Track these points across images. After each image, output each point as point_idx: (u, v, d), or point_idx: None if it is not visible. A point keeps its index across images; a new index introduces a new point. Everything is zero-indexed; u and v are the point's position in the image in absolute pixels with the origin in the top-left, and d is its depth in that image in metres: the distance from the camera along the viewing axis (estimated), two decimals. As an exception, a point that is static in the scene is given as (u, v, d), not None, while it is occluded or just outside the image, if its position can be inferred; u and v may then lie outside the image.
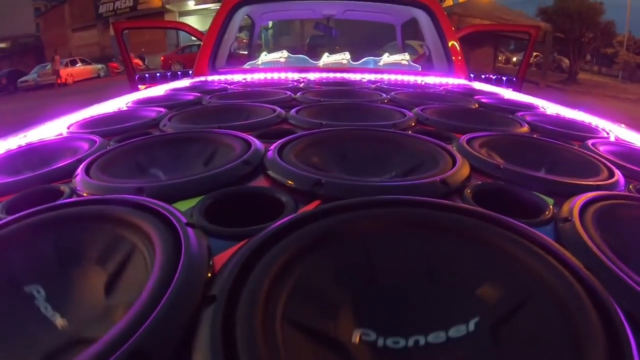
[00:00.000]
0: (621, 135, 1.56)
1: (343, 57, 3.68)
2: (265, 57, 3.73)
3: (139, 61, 20.15)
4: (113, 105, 1.94)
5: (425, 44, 3.99)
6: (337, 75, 3.25)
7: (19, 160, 1.17)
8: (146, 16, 24.67)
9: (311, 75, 3.19)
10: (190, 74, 3.61)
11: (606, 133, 1.53)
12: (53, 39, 28.18)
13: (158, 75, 4.00)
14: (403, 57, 3.70)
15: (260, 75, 3.22)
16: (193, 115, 1.54)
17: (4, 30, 25.71)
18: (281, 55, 3.69)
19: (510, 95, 2.55)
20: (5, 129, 1.54)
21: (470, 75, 3.59)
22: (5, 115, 10.44)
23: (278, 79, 3.06)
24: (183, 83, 2.93)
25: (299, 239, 0.55)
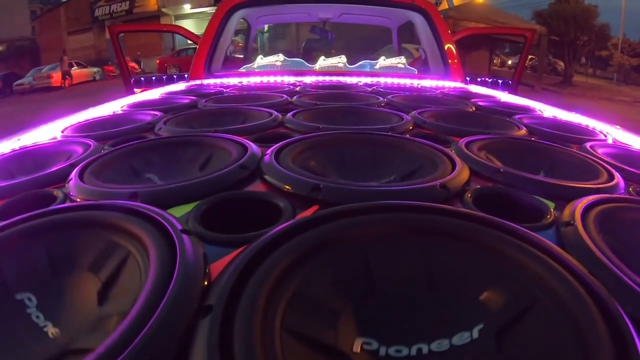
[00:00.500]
0: (619, 138, 1.55)
1: (339, 61, 3.69)
2: (261, 61, 3.72)
3: (134, 64, 20.17)
4: (108, 108, 1.93)
5: (421, 47, 4.00)
6: (334, 78, 3.24)
7: (12, 164, 1.15)
8: (142, 19, 24.69)
9: (307, 79, 3.19)
10: (186, 77, 3.60)
11: (604, 135, 1.53)
12: (49, 42, 28.19)
13: (154, 78, 3.99)
14: (399, 61, 3.70)
15: (257, 79, 3.22)
16: (189, 119, 1.53)
17: (0, 33, 25.72)
18: (277, 58, 3.68)
19: (507, 98, 2.56)
20: (1, 132, 1.53)
21: (466, 78, 3.60)
22: (1, 119, 10.43)
23: (274, 82, 3.06)
24: (179, 86, 2.92)
25: (298, 246, 0.53)
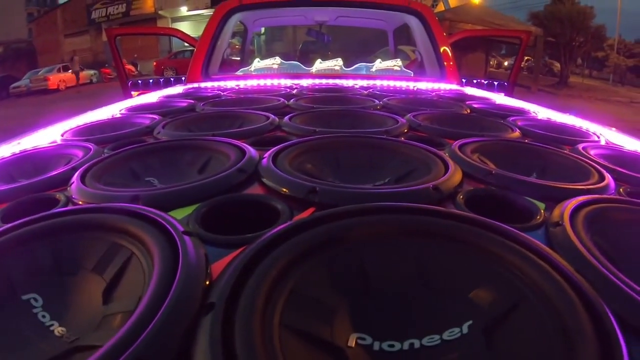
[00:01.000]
0: (612, 139, 1.57)
1: (335, 64, 3.71)
2: (258, 64, 3.74)
3: (131, 67, 20.12)
4: (106, 112, 1.95)
5: (417, 49, 4.01)
6: (330, 81, 3.26)
7: (13, 167, 1.17)
8: (139, 22, 24.64)
9: (304, 82, 3.21)
10: (183, 80, 3.61)
11: (597, 137, 1.55)
12: (46, 44, 28.09)
13: (151, 81, 3.98)
14: (395, 63, 3.72)
15: (253, 82, 3.23)
16: (187, 123, 1.55)
17: (-4, 36, 25.67)
18: (274, 61, 3.70)
19: (502, 100, 2.58)
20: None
21: (462, 81, 3.61)
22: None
23: (271, 85, 3.07)
24: (176, 90, 2.93)
25: (295, 246, 0.56)
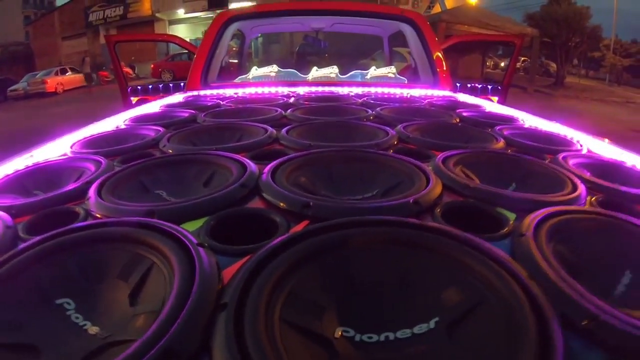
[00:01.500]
0: (594, 148, 1.61)
1: (331, 71, 3.79)
2: (255, 72, 3.82)
3: (129, 70, 20.17)
4: (111, 123, 2.04)
5: (412, 56, 4.10)
6: (326, 89, 3.34)
7: (27, 180, 1.25)
8: (136, 24, 24.64)
9: (300, 89, 3.30)
10: (182, 86, 3.68)
11: (580, 146, 1.59)
12: (43, 47, 28.04)
13: (150, 87, 4.01)
14: (389, 70, 3.81)
15: (251, 90, 3.31)
16: (190, 135, 1.66)
17: (-6, 38, 25.59)
18: (271, 69, 3.79)
19: (492, 107, 2.62)
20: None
21: (456, 85, 3.68)
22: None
23: (269, 93, 3.16)
24: (176, 98, 3.01)
25: (291, 256, 0.67)
